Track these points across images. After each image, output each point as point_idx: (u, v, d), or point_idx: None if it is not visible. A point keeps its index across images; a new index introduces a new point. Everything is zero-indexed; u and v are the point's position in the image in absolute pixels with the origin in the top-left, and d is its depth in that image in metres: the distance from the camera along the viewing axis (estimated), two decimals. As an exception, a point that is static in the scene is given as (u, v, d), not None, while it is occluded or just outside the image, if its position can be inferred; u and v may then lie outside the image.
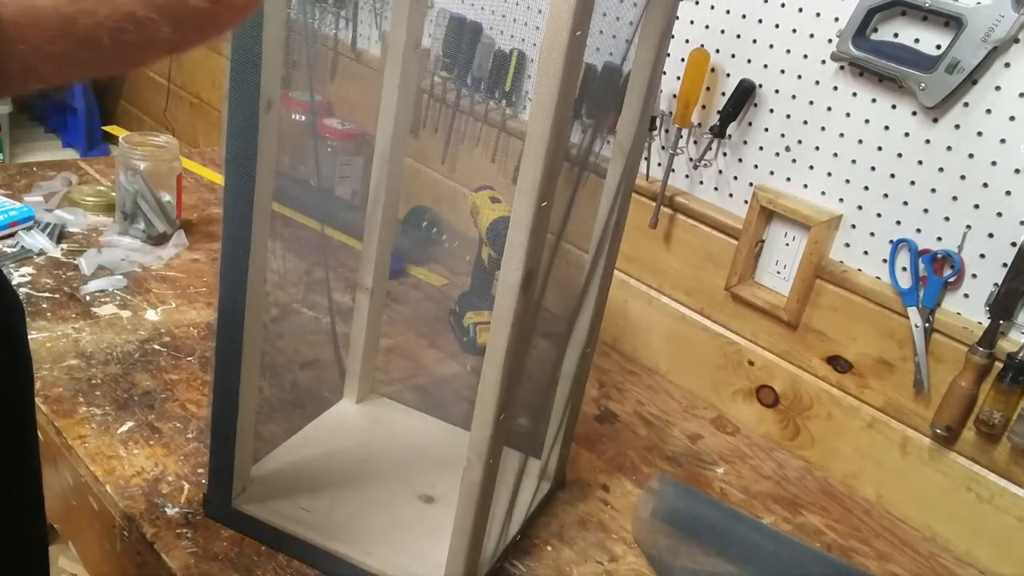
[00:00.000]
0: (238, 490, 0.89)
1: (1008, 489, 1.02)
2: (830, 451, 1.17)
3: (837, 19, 1.07)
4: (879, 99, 1.05)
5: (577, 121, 1.27)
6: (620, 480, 1.08)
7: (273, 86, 0.73)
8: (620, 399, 1.26)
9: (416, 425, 1.08)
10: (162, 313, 1.23)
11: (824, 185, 1.13)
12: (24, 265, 1.28)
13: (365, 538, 0.87)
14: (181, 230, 1.44)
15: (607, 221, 0.89)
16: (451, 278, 1.49)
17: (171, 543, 0.85)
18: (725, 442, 1.21)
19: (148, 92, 2.50)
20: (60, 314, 1.18)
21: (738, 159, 1.21)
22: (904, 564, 1.04)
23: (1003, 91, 0.96)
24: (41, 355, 1.09)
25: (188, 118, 2.34)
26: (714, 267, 1.25)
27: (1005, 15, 0.93)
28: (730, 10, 1.17)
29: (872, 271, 1.11)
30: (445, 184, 1.56)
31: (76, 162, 1.71)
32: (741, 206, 1.21)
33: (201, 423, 1.02)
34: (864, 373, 1.13)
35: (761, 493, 1.12)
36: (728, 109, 1.17)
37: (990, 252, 1.00)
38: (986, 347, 0.99)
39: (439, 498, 0.95)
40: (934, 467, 1.07)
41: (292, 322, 1.26)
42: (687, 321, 1.29)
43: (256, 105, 0.73)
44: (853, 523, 1.09)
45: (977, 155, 0.99)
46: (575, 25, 0.61)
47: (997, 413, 0.99)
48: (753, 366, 1.23)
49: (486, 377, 0.73)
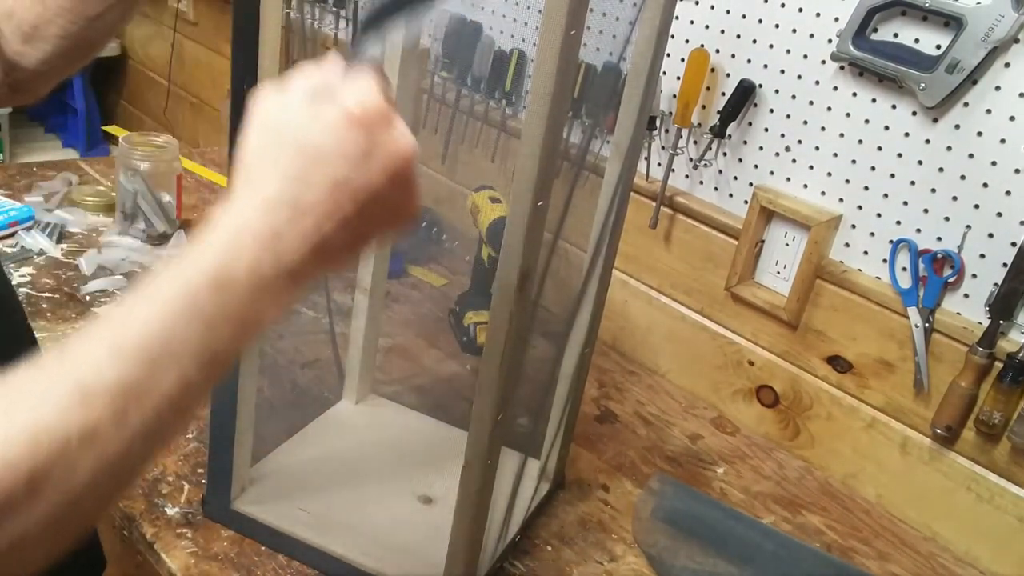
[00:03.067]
0: (237, 491, 0.89)
1: (1008, 489, 1.02)
2: (830, 451, 1.17)
3: (837, 19, 1.06)
4: (879, 99, 1.05)
5: (576, 121, 1.27)
6: (620, 480, 1.08)
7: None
8: (620, 399, 1.26)
9: (415, 426, 1.08)
10: (162, 313, 1.23)
11: (824, 185, 1.13)
12: (24, 265, 1.28)
13: (364, 538, 0.87)
14: (181, 230, 1.44)
15: (605, 221, 0.89)
16: (451, 278, 1.49)
17: (171, 543, 0.85)
18: (725, 442, 1.21)
19: (148, 92, 2.50)
20: (60, 314, 1.18)
21: (738, 159, 1.20)
22: (904, 564, 1.04)
23: (1003, 91, 0.96)
24: (41, 355, 1.08)
25: (188, 118, 2.34)
26: (714, 267, 1.24)
27: (1005, 15, 0.93)
28: (730, 10, 1.17)
29: (872, 271, 1.11)
30: (445, 184, 1.56)
31: (76, 162, 1.71)
32: (741, 206, 1.20)
33: (201, 423, 1.02)
34: (864, 373, 1.12)
35: (761, 493, 1.12)
36: (728, 109, 1.17)
37: (990, 252, 1.00)
38: (986, 347, 0.99)
39: (438, 498, 0.95)
40: (934, 467, 1.07)
41: (291, 322, 1.26)
42: (687, 321, 1.29)
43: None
44: (853, 523, 1.09)
45: (977, 155, 0.99)
46: (569, 24, 0.61)
47: (997, 413, 0.99)
48: (753, 366, 1.23)
49: (483, 377, 0.73)
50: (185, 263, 0.46)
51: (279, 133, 0.48)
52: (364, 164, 0.47)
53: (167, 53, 2.30)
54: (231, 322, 0.45)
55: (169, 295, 0.45)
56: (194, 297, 0.44)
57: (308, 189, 0.46)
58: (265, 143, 0.48)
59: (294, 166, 0.47)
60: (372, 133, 0.47)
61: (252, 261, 0.45)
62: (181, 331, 0.44)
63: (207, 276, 0.45)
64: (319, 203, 0.46)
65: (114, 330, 0.44)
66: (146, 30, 2.44)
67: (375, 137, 0.47)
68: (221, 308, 0.45)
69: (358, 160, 0.47)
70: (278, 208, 0.46)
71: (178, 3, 2.19)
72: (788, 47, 1.12)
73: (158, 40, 2.38)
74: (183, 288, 0.45)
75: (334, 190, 0.46)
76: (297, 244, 0.46)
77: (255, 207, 0.46)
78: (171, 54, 2.28)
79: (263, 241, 0.46)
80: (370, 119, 0.47)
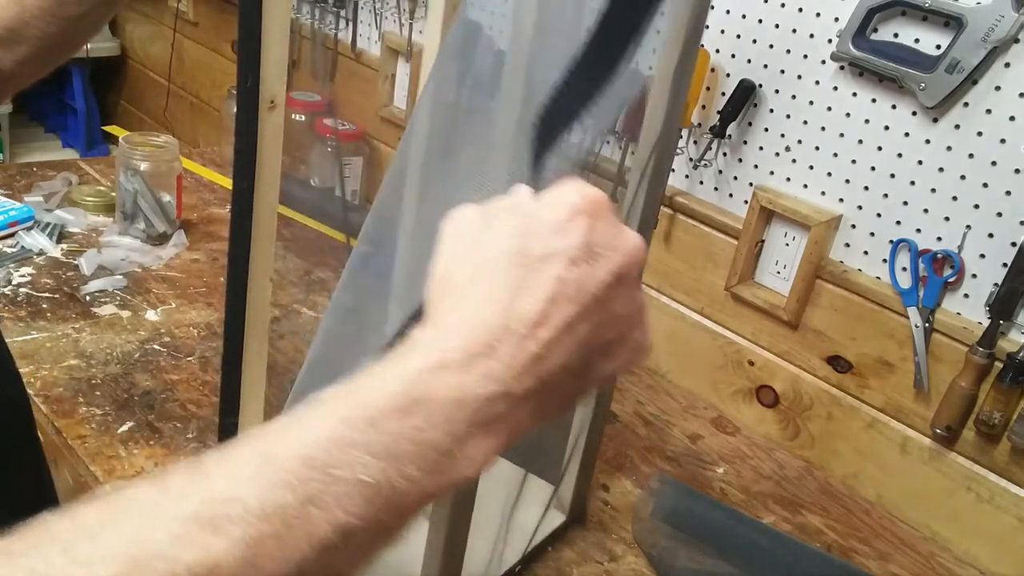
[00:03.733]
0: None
1: (1008, 489, 1.02)
2: (830, 451, 1.17)
3: (837, 19, 1.06)
4: (879, 99, 1.05)
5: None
6: (620, 480, 1.08)
7: (278, 87, 0.73)
8: (620, 399, 1.26)
9: None
10: (162, 313, 1.23)
11: (824, 185, 1.13)
12: (24, 265, 1.28)
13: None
14: (181, 230, 1.44)
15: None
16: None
17: (171, 543, 0.85)
18: (725, 442, 1.21)
19: (148, 92, 2.50)
20: (60, 314, 1.18)
21: (738, 159, 1.21)
22: (904, 564, 1.04)
23: (1003, 91, 0.96)
24: (41, 355, 1.09)
25: (188, 118, 2.34)
26: (714, 267, 1.24)
27: (1005, 15, 0.93)
28: (730, 10, 1.17)
29: (872, 271, 1.11)
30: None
31: (76, 162, 1.71)
32: (741, 206, 1.21)
33: (201, 423, 1.02)
34: (864, 373, 1.13)
35: (761, 493, 1.12)
36: (728, 109, 1.17)
37: (990, 252, 1.00)
38: (986, 347, 0.99)
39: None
40: (934, 467, 1.07)
41: (291, 322, 1.26)
42: (687, 321, 1.29)
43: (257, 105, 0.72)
44: (853, 523, 1.09)
45: (977, 155, 0.99)
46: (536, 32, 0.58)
47: (997, 413, 0.99)
48: (753, 366, 1.23)
49: None
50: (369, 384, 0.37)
51: (481, 244, 0.40)
52: (589, 259, 0.39)
53: (167, 53, 2.30)
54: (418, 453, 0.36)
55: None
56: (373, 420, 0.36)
57: (524, 296, 0.38)
58: (463, 257, 0.41)
59: (504, 275, 0.39)
60: (596, 223, 0.40)
61: (453, 384, 0.37)
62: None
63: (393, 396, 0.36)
64: (537, 312, 0.38)
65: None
66: (146, 30, 2.44)
67: (599, 227, 0.40)
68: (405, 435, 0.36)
69: (581, 253, 0.39)
70: (483, 330, 0.38)
71: (178, 3, 2.19)
72: (788, 47, 1.12)
73: (158, 40, 2.38)
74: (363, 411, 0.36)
75: (555, 291, 0.38)
76: (510, 363, 0.37)
77: (453, 332, 0.38)
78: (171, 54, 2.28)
79: (464, 362, 0.37)
80: (593, 208, 0.40)
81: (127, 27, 2.53)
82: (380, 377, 0.37)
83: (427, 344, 0.38)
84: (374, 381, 0.37)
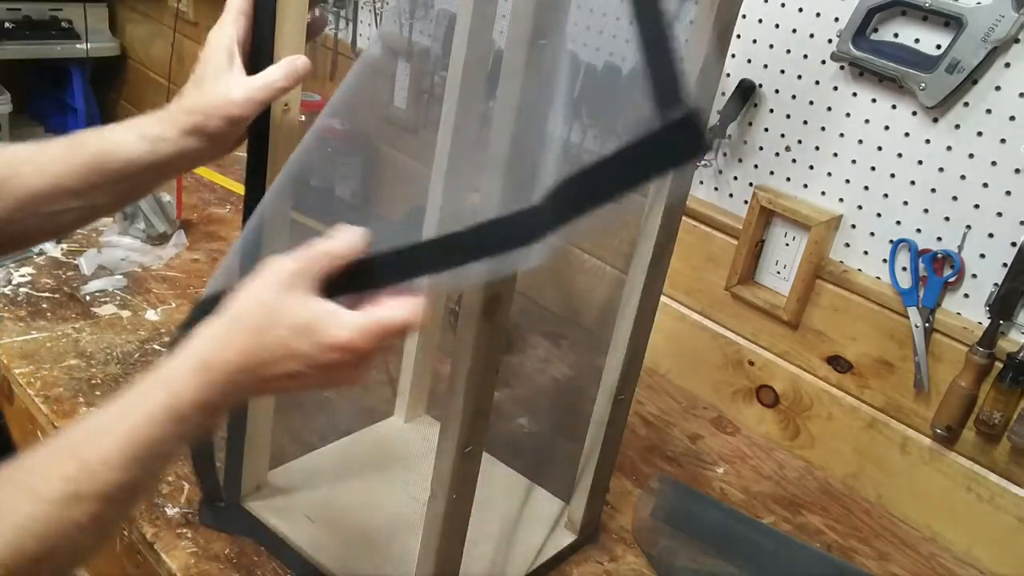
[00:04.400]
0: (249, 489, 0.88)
1: (1008, 489, 1.02)
2: (830, 451, 1.17)
3: (837, 19, 1.06)
4: (879, 99, 1.05)
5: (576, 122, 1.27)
6: (620, 480, 1.08)
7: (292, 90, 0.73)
8: (620, 399, 1.26)
9: None
10: (162, 313, 1.23)
11: (824, 185, 1.13)
12: (24, 265, 1.28)
13: (352, 561, 0.84)
14: (181, 230, 1.44)
15: (641, 248, 0.82)
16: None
17: (171, 543, 0.85)
18: (725, 442, 1.21)
19: (148, 92, 2.50)
20: (60, 314, 1.18)
21: (738, 159, 1.21)
22: (904, 564, 1.04)
23: (1003, 91, 0.96)
24: (41, 355, 1.09)
25: (188, 118, 2.33)
26: (714, 267, 1.24)
27: (1005, 15, 0.93)
28: (730, 10, 1.17)
29: (872, 271, 1.11)
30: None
31: (76, 162, 1.71)
32: (741, 206, 1.20)
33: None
34: (864, 373, 1.12)
35: (761, 493, 1.12)
36: (728, 109, 1.17)
37: (990, 252, 1.00)
38: (986, 347, 0.99)
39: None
40: (934, 467, 1.07)
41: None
42: (687, 321, 1.29)
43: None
44: (853, 523, 1.09)
45: (977, 155, 0.99)
46: (535, 33, 0.57)
47: (997, 413, 0.99)
48: (753, 366, 1.23)
49: (449, 406, 0.68)
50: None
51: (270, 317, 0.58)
52: (307, 375, 0.57)
53: (167, 53, 2.30)
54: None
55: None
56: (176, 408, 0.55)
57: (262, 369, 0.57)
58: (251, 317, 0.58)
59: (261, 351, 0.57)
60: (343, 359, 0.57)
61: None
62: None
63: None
64: (261, 381, 0.58)
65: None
66: (146, 30, 2.44)
67: (338, 360, 0.57)
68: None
69: (309, 371, 0.57)
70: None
71: (178, 3, 2.19)
72: (788, 47, 1.12)
73: (158, 40, 2.38)
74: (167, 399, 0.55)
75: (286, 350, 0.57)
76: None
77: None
78: (171, 54, 2.28)
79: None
80: (349, 348, 0.57)
81: (127, 27, 2.53)
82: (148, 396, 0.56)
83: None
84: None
